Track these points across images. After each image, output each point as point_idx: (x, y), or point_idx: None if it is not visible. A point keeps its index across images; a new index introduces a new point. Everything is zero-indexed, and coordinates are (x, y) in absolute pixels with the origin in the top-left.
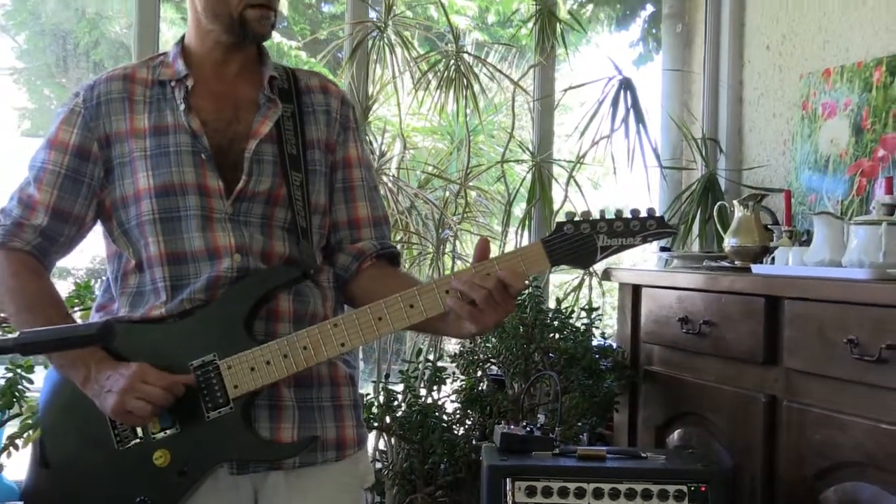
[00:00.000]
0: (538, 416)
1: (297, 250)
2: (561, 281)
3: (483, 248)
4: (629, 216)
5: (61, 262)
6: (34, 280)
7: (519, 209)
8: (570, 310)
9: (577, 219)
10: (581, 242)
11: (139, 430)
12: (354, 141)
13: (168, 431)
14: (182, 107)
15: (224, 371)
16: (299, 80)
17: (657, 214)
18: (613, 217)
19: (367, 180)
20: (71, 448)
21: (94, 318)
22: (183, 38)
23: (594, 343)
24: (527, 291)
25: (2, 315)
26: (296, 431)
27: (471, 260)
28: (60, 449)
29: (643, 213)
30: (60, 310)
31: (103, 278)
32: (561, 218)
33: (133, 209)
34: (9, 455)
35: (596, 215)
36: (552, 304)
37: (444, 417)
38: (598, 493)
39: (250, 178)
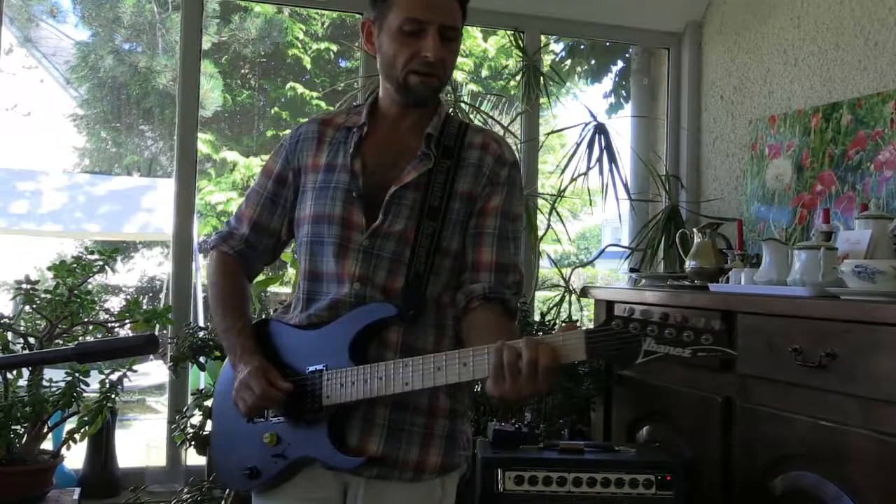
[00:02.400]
0: (525, 414)
1: (408, 291)
2: (545, 297)
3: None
4: (684, 325)
5: (114, 280)
6: (231, 278)
7: None
8: (552, 322)
9: (628, 316)
10: (625, 341)
11: (266, 410)
12: (500, 194)
13: (280, 418)
14: (351, 150)
15: (325, 381)
16: (466, 137)
17: (717, 328)
18: (667, 322)
19: (501, 229)
20: (224, 413)
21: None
22: (377, 92)
23: None
24: None
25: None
26: (381, 447)
27: None
28: (218, 412)
29: (701, 325)
30: (243, 304)
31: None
32: (545, 243)
33: (301, 230)
34: (68, 447)
35: (654, 318)
36: (537, 318)
37: None
38: (577, 482)
39: (386, 218)
